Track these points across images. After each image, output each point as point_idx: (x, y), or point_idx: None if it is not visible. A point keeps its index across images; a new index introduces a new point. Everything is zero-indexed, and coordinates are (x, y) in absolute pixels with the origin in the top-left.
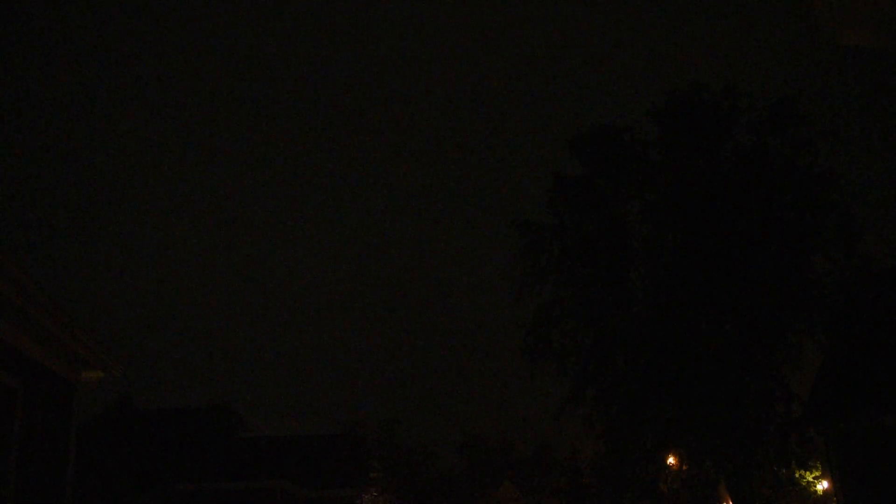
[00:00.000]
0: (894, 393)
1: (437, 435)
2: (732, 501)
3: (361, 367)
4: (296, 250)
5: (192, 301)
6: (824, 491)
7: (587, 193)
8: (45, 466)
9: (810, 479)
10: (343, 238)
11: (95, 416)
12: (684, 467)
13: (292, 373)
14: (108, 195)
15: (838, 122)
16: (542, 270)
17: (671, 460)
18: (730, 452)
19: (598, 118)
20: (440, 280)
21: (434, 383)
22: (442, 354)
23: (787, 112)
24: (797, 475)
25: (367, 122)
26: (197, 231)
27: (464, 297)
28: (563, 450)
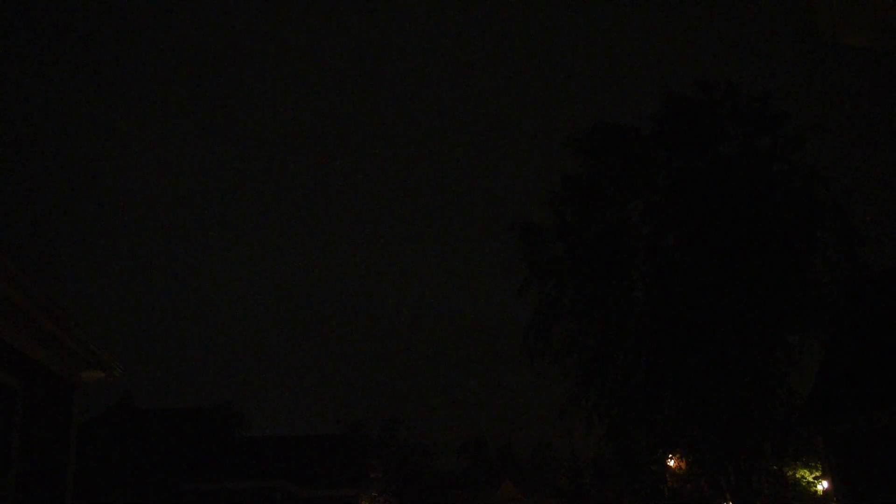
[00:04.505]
0: (894, 393)
1: (438, 435)
2: (732, 501)
3: (362, 367)
4: (296, 250)
5: (193, 301)
6: (824, 491)
7: (591, 193)
8: (46, 466)
9: (810, 479)
10: (344, 238)
11: (95, 416)
12: (685, 467)
13: (293, 373)
14: (110, 196)
15: (828, 116)
16: (544, 272)
17: (671, 462)
18: (730, 451)
19: (595, 118)
20: (440, 280)
21: (434, 383)
22: (443, 354)
23: (767, 109)
24: (798, 475)
25: (368, 123)
26: (198, 231)
27: (464, 297)
28: (563, 449)
